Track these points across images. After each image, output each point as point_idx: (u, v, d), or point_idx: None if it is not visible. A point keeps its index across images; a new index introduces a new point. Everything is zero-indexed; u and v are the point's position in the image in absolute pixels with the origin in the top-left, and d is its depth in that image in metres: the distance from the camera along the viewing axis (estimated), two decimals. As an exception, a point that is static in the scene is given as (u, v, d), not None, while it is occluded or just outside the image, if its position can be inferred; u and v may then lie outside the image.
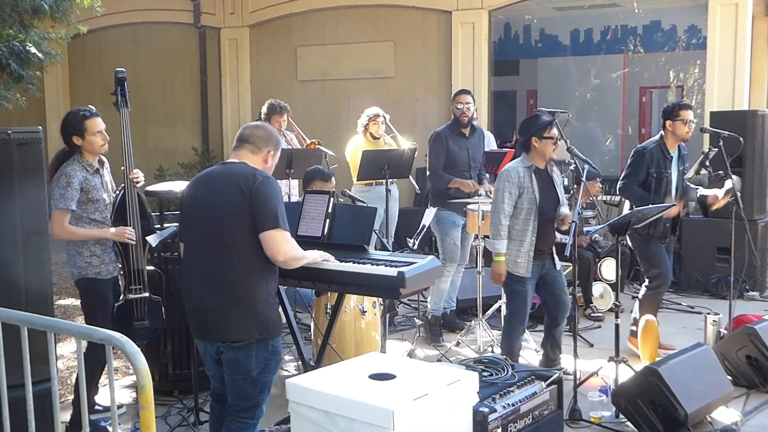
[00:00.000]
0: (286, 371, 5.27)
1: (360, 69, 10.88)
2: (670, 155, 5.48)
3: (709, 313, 5.73)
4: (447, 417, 3.13)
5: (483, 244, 5.92)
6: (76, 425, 4.18)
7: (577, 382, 4.60)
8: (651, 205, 5.05)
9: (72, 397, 4.49)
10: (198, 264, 3.35)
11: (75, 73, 12.78)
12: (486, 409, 3.61)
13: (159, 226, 4.88)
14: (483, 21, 10.13)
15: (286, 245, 3.26)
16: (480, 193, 5.88)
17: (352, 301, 4.80)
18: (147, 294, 4.39)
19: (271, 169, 3.48)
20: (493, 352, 5.50)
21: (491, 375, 3.99)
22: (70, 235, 4.17)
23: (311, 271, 3.64)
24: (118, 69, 4.36)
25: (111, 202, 4.34)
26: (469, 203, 5.86)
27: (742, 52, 8.77)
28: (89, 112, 4.26)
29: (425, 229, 5.24)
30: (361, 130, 6.82)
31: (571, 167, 5.37)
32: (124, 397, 4.97)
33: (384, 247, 4.81)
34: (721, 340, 5.32)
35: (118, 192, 4.35)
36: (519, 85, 13.36)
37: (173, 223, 4.86)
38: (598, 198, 7.72)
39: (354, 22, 10.90)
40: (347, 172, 6.78)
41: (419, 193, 8.16)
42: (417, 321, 6.17)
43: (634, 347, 5.58)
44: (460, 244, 6.10)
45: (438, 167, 5.99)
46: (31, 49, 6.76)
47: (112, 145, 4.36)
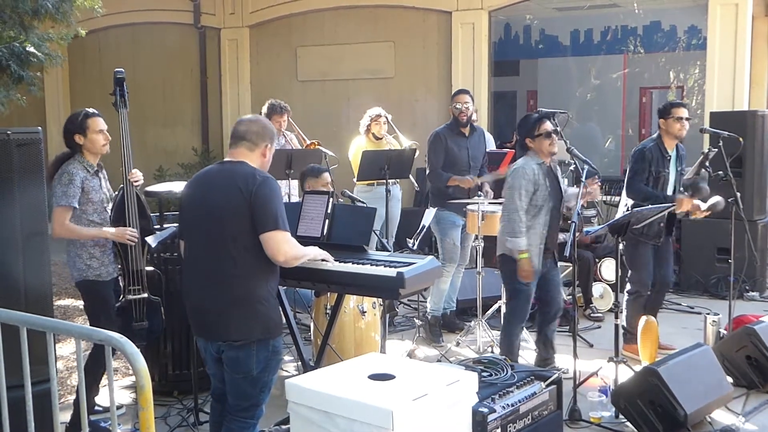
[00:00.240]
0: (286, 371, 5.27)
1: (360, 69, 10.88)
2: (669, 154, 5.49)
3: (708, 314, 5.73)
4: (446, 417, 3.12)
5: (483, 245, 5.92)
6: (75, 426, 4.18)
7: (577, 383, 4.60)
8: (651, 206, 5.06)
9: (72, 397, 4.49)
10: (199, 263, 3.35)
11: (75, 74, 12.78)
12: (485, 410, 3.62)
13: (158, 226, 4.88)
14: (483, 21, 10.13)
15: (286, 245, 3.27)
16: (479, 193, 5.86)
17: (351, 301, 4.80)
18: (146, 295, 4.39)
19: (269, 162, 3.49)
20: (492, 352, 5.50)
21: (491, 375, 4.00)
22: (69, 233, 4.13)
23: (311, 271, 3.64)
24: (117, 69, 4.37)
25: (107, 206, 4.33)
26: (469, 203, 5.85)
27: (742, 52, 8.76)
28: (92, 111, 4.29)
29: (425, 229, 5.25)
30: (364, 131, 6.82)
31: (571, 167, 5.39)
32: (124, 397, 4.98)
33: (384, 248, 4.81)
34: (721, 340, 5.32)
35: (117, 192, 4.35)
36: (519, 85, 13.36)
37: (173, 224, 4.85)
38: (598, 199, 7.71)
39: (354, 22, 10.89)
40: (347, 172, 6.77)
41: (418, 190, 8.16)
42: (417, 321, 6.17)
43: (628, 354, 5.51)
44: (459, 245, 6.10)
45: (437, 166, 5.99)
46: (31, 49, 6.76)
47: (112, 146, 4.36)
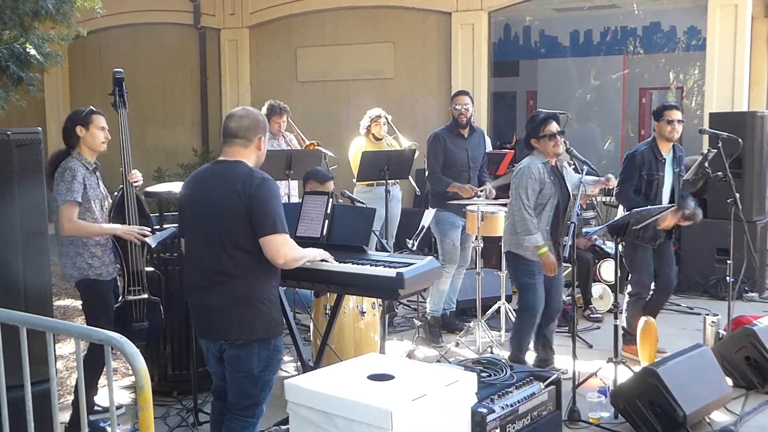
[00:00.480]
0: (285, 372, 5.27)
1: (360, 70, 10.88)
2: (663, 157, 5.48)
3: (708, 314, 5.73)
4: (445, 417, 3.13)
5: (482, 245, 5.92)
6: (75, 426, 4.18)
7: (576, 383, 4.60)
8: (650, 206, 5.06)
9: (71, 397, 4.49)
10: (200, 263, 3.35)
11: (75, 75, 12.78)
12: (484, 410, 3.62)
13: (158, 227, 4.88)
14: (483, 22, 10.13)
15: (285, 248, 3.26)
16: (479, 194, 5.87)
17: (351, 302, 4.80)
18: (146, 295, 4.39)
19: (264, 153, 3.46)
20: (492, 353, 5.51)
21: (490, 376, 4.01)
22: (79, 229, 4.11)
23: (310, 271, 3.64)
24: (116, 70, 4.38)
25: (104, 205, 4.32)
26: (468, 204, 5.86)
27: (742, 53, 8.77)
28: (96, 109, 4.31)
29: (424, 230, 5.25)
30: (364, 132, 6.82)
31: (571, 168, 5.42)
32: (123, 397, 4.98)
33: (383, 248, 4.81)
34: (720, 341, 5.32)
35: (116, 193, 4.35)
36: (519, 86, 13.36)
37: (173, 224, 4.86)
38: (597, 199, 7.73)
39: (354, 23, 10.90)
40: (347, 172, 6.77)
41: (419, 195, 8.16)
42: (416, 322, 6.17)
43: (627, 355, 5.52)
44: (459, 246, 6.10)
45: (436, 168, 5.99)
46: (31, 50, 6.76)
47: (111, 146, 4.37)
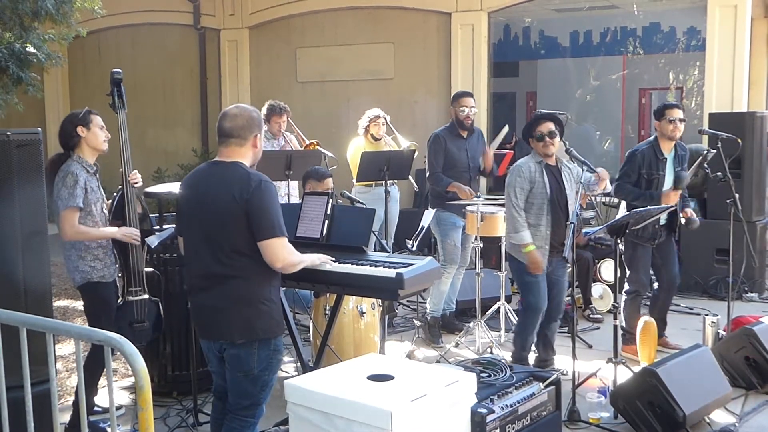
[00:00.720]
0: (285, 372, 5.26)
1: (359, 70, 10.89)
2: (664, 157, 5.49)
3: (707, 315, 5.73)
4: (445, 418, 3.13)
5: (482, 245, 5.92)
6: (75, 426, 4.18)
7: (576, 383, 4.60)
8: (650, 207, 5.07)
9: (71, 398, 4.49)
10: (199, 265, 3.34)
11: (75, 75, 12.78)
12: (484, 410, 3.62)
13: (158, 227, 4.89)
14: (482, 23, 10.14)
15: (284, 251, 3.26)
16: (477, 194, 5.87)
17: (351, 302, 4.80)
18: (146, 296, 4.39)
19: (261, 150, 3.45)
20: (492, 353, 5.51)
21: (489, 376, 4.01)
22: (81, 235, 4.12)
23: (310, 272, 3.64)
24: (114, 70, 4.36)
25: (103, 207, 4.32)
26: (468, 204, 5.86)
27: (741, 53, 8.77)
28: (93, 110, 4.31)
29: (424, 230, 5.25)
30: (362, 132, 6.82)
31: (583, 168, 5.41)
32: (123, 398, 4.97)
33: (383, 249, 4.81)
34: (720, 341, 5.32)
35: (115, 194, 4.35)
36: (518, 86, 13.37)
37: (172, 225, 4.85)
38: (597, 199, 7.72)
39: (353, 23, 10.91)
40: (347, 173, 6.78)
41: (418, 191, 8.16)
42: (416, 322, 6.17)
43: (627, 355, 5.52)
44: (460, 246, 6.10)
45: (437, 168, 5.98)
46: (31, 50, 6.75)
47: (111, 147, 4.36)
